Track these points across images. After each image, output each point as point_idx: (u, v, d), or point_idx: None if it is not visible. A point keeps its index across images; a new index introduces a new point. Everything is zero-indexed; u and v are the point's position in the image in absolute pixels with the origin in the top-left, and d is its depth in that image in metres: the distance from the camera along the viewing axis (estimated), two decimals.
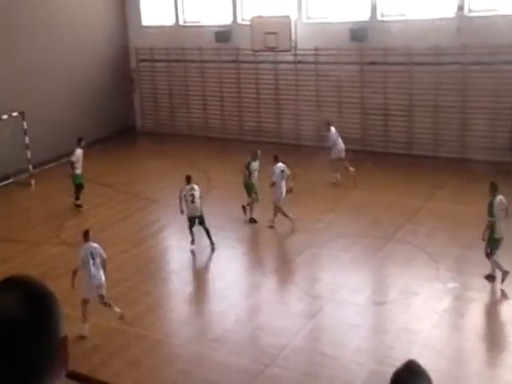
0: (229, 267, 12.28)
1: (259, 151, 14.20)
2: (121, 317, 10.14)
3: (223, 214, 14.35)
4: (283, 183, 13.19)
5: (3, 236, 13.75)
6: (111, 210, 14.94)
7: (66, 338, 1.37)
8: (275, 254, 12.38)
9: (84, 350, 9.53)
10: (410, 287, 10.80)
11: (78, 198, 15.01)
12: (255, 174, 13.97)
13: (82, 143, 15.17)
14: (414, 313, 10.13)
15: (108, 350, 9.58)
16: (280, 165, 13.28)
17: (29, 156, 16.78)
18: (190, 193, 12.39)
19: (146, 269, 12.13)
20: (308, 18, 18.29)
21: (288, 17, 17.92)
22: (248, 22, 18.50)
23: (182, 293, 11.59)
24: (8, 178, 16.68)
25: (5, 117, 16.30)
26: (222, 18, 19.43)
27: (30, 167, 16.78)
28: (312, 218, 13.69)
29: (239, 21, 19.24)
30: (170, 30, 20.19)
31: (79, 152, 14.97)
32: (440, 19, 16.29)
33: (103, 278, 9.97)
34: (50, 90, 18.16)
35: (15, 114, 16.54)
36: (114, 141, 19.88)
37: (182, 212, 12.51)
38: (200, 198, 12.50)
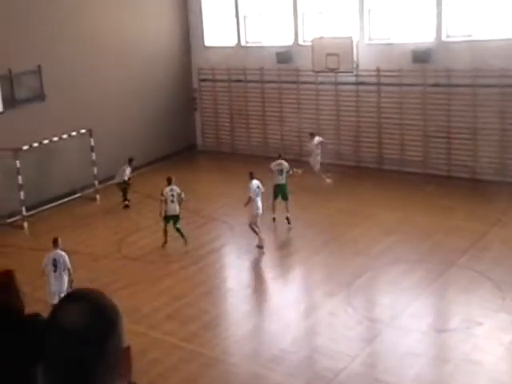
0: (286, 287, 12.23)
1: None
2: None
3: (280, 233, 14.34)
4: (259, 199, 13.41)
5: (69, 249, 14.13)
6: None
7: (128, 348, 1.41)
8: (333, 276, 12.22)
9: (143, 363, 9.65)
10: (474, 316, 10.43)
11: (126, 199, 16.43)
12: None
13: (133, 163, 16.41)
14: (478, 343, 9.76)
15: (166, 365, 9.67)
16: (255, 182, 13.50)
17: (95, 172, 17.29)
18: (170, 193, 13.49)
19: (203, 286, 12.21)
20: (370, 39, 18.20)
21: (350, 38, 17.88)
22: (309, 43, 18.56)
23: (238, 311, 11.60)
24: (75, 193, 17.24)
25: (74, 133, 16.88)
26: (284, 39, 19.58)
27: (96, 183, 17.27)
28: (372, 240, 13.49)
29: (300, 42, 19.33)
30: (231, 50, 20.49)
31: (128, 171, 16.41)
32: (508, 39, 15.89)
33: (64, 286, 10.40)
34: (115, 109, 18.70)
35: (83, 131, 17.11)
36: (175, 159, 20.24)
37: (160, 214, 13.53)
38: (181, 199, 13.50)
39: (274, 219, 14.71)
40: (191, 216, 15.85)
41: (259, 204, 13.39)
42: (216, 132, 20.66)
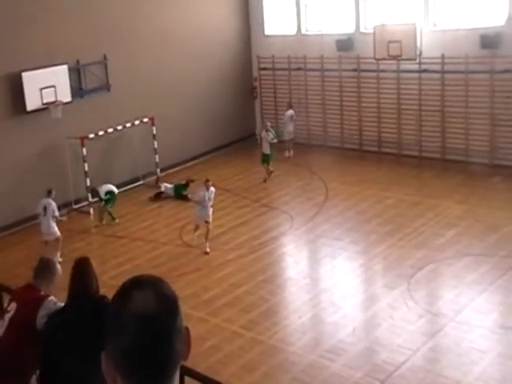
0: (345, 278, 12.07)
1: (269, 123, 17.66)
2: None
3: (340, 224, 14.16)
4: (201, 208, 13.20)
5: (133, 235, 14.46)
6: (231, 214, 15.22)
7: (187, 328, 1.49)
8: (394, 268, 11.98)
9: (202, 349, 9.74)
10: None
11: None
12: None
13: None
14: None
15: (225, 352, 9.73)
16: (212, 189, 13.27)
17: (157, 160, 17.54)
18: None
19: (262, 274, 12.20)
20: (435, 25, 17.63)
21: (413, 24, 17.37)
22: (371, 31, 18.17)
23: (297, 301, 11.52)
24: (138, 180, 17.55)
25: (137, 122, 17.16)
26: (344, 27, 19.23)
27: (158, 170, 17.52)
28: (434, 232, 13.13)
29: (362, 29, 18.94)
30: (291, 39, 20.30)
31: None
32: None
33: (52, 228, 12.90)
34: (177, 98, 18.86)
35: (146, 120, 17.36)
36: (234, 147, 20.30)
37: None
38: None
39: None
40: (251, 204, 15.88)
41: (201, 212, 13.17)
42: (275, 120, 20.54)
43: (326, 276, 12.50)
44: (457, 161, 17.18)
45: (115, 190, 15.34)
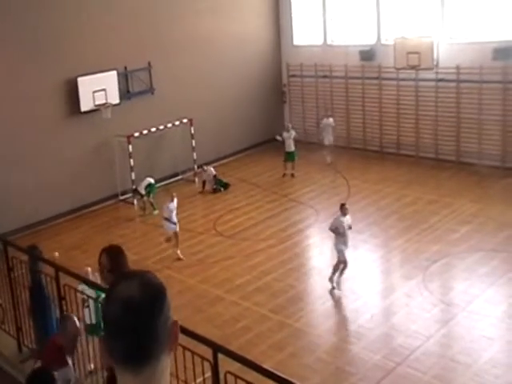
0: (366, 269, 11.98)
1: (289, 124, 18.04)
2: None
3: (361, 219, 14.06)
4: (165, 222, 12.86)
5: None
6: (261, 208, 15.22)
7: (176, 322, 1.42)
8: (411, 260, 11.85)
9: (235, 329, 9.79)
10: None
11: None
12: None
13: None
14: None
15: (255, 332, 9.76)
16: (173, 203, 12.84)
17: (194, 157, 17.63)
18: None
19: (289, 263, 12.19)
20: (451, 38, 17.34)
21: (430, 37, 17.13)
22: (391, 43, 17.98)
23: (321, 288, 11.47)
24: (177, 175, 17.66)
25: (177, 123, 17.27)
26: (367, 39, 19.08)
27: (195, 167, 17.60)
28: (449, 228, 12.95)
29: (383, 41, 18.74)
30: (318, 49, 20.17)
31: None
32: None
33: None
34: (213, 101, 18.90)
35: (185, 120, 17.46)
36: (265, 147, 20.27)
37: None
38: None
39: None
40: (279, 199, 15.86)
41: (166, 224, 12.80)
42: (303, 124, 20.45)
43: (348, 266, 12.39)
44: (471, 163, 16.89)
45: (152, 181, 15.52)
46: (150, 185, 15.47)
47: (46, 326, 6.25)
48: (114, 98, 16.05)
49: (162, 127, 16.89)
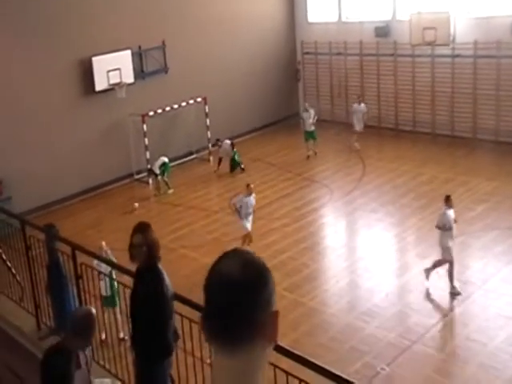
0: (380, 247, 11.92)
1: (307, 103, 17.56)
2: None
3: (376, 198, 13.95)
4: None
5: (188, 204, 14.58)
6: (276, 187, 15.15)
7: (277, 312, 1.32)
8: (426, 239, 11.75)
9: None
10: None
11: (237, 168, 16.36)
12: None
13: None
14: None
15: None
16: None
17: (209, 136, 17.56)
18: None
19: (304, 242, 12.16)
20: (468, 12, 16.93)
21: (447, 13, 16.72)
22: (407, 18, 17.60)
23: (336, 267, 11.47)
24: (192, 154, 17.63)
25: (191, 102, 17.17)
26: (382, 15, 18.70)
27: (210, 145, 17.54)
28: (465, 207, 12.79)
29: (398, 17, 18.36)
30: (333, 26, 19.83)
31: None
32: None
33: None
34: (227, 79, 18.75)
35: (199, 99, 17.35)
36: (279, 126, 20.13)
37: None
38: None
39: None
40: (294, 178, 15.77)
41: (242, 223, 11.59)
42: (317, 101, 20.22)
43: (362, 245, 12.37)
44: (487, 140, 16.63)
45: (166, 161, 15.51)
46: (164, 164, 15.47)
47: (64, 304, 6.30)
48: (129, 78, 15.98)
49: (176, 106, 16.82)
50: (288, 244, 12.03)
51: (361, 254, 11.77)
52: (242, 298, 1.28)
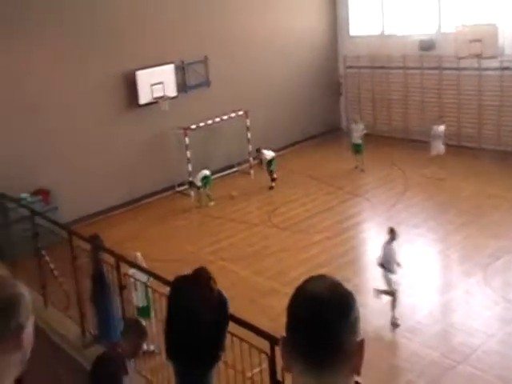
0: (423, 264, 11.66)
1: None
2: None
3: (419, 213, 13.69)
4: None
5: (228, 216, 14.65)
6: (317, 200, 15.06)
7: (363, 342, 1.34)
8: (471, 257, 11.44)
9: None
10: None
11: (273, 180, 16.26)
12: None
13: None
14: None
15: None
16: None
17: (249, 149, 17.64)
18: None
19: (345, 257, 12.01)
20: None
21: (494, 25, 16.39)
22: (452, 31, 17.33)
23: (377, 282, 11.22)
24: (233, 167, 17.74)
25: (232, 115, 17.32)
26: (427, 28, 18.48)
27: (251, 159, 17.60)
28: (511, 224, 12.41)
29: (443, 30, 18.11)
30: (375, 39, 19.73)
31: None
32: None
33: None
34: (268, 94, 18.85)
35: (240, 112, 17.48)
36: (320, 140, 20.05)
37: None
38: None
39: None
40: (335, 191, 15.65)
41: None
42: (359, 115, 20.09)
43: (404, 261, 12.11)
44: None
45: (208, 173, 15.65)
46: (205, 177, 15.62)
47: (108, 313, 6.41)
48: (172, 91, 16.26)
49: (217, 119, 16.98)
50: (329, 258, 11.91)
51: (403, 270, 11.51)
52: (329, 317, 1.29)
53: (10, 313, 1.59)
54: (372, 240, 13.18)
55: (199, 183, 15.54)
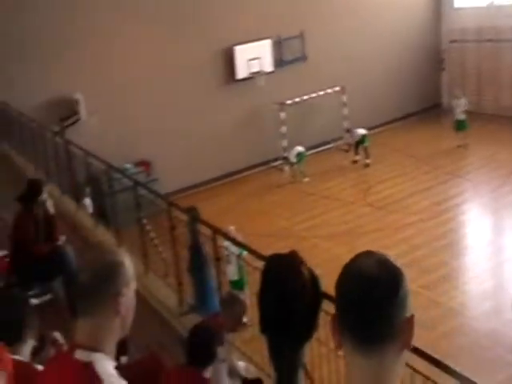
0: None
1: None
2: None
3: None
4: None
5: (321, 193, 14.44)
6: (414, 180, 14.42)
7: (413, 317, 1.32)
8: None
9: None
10: None
11: (356, 154, 15.92)
12: None
13: None
14: None
15: None
16: None
17: (345, 126, 17.21)
18: None
19: (443, 239, 11.41)
20: None
21: None
22: None
23: (478, 267, 10.60)
24: (327, 144, 17.41)
25: (329, 91, 16.94)
26: None
27: (346, 136, 17.16)
28: None
29: None
30: (483, 10, 18.34)
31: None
32: None
33: None
34: (366, 69, 18.20)
35: (337, 88, 17.06)
36: (420, 116, 19.16)
37: None
38: None
39: None
40: (433, 171, 14.92)
41: None
42: (463, 91, 18.90)
43: (509, 245, 11.32)
44: None
45: (302, 150, 15.46)
46: (300, 153, 15.48)
47: (204, 284, 6.49)
48: (268, 66, 16.17)
49: (313, 95, 16.69)
50: (425, 240, 11.38)
51: (508, 255, 10.78)
52: (378, 294, 1.29)
53: (109, 279, 1.64)
54: (473, 223, 12.45)
55: (293, 159, 15.43)
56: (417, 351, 3.13)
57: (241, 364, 5.06)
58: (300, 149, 15.52)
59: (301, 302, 4.29)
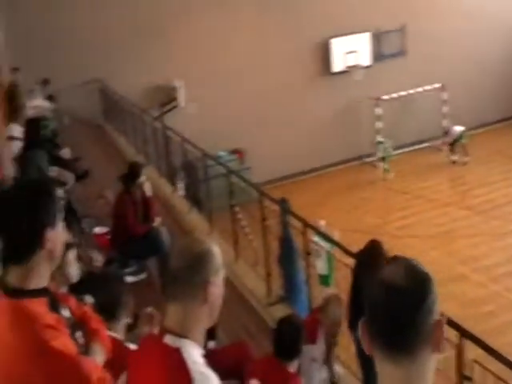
0: None
1: None
2: None
3: None
4: None
5: (415, 192, 13.81)
6: None
7: (441, 321, 1.28)
8: None
9: (479, 312, 8.82)
10: None
11: (454, 153, 15.09)
12: None
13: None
14: None
15: (502, 320, 8.66)
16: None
17: (444, 124, 16.35)
18: None
19: None
20: None
21: None
22: None
23: None
24: (424, 142, 16.61)
25: (428, 87, 16.18)
26: None
27: (444, 135, 16.26)
28: None
29: None
30: None
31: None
32: None
33: None
34: (469, 66, 17.18)
35: (437, 85, 16.25)
36: None
37: None
38: None
39: None
40: None
41: None
42: None
43: None
44: None
45: (387, 145, 14.97)
46: (385, 149, 14.99)
47: (293, 276, 6.33)
48: (365, 60, 15.72)
49: (411, 91, 16.01)
50: None
51: None
52: (406, 302, 1.27)
53: (199, 268, 1.65)
54: None
55: (381, 154, 14.95)
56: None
57: (339, 370, 4.83)
58: (386, 145, 14.99)
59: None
